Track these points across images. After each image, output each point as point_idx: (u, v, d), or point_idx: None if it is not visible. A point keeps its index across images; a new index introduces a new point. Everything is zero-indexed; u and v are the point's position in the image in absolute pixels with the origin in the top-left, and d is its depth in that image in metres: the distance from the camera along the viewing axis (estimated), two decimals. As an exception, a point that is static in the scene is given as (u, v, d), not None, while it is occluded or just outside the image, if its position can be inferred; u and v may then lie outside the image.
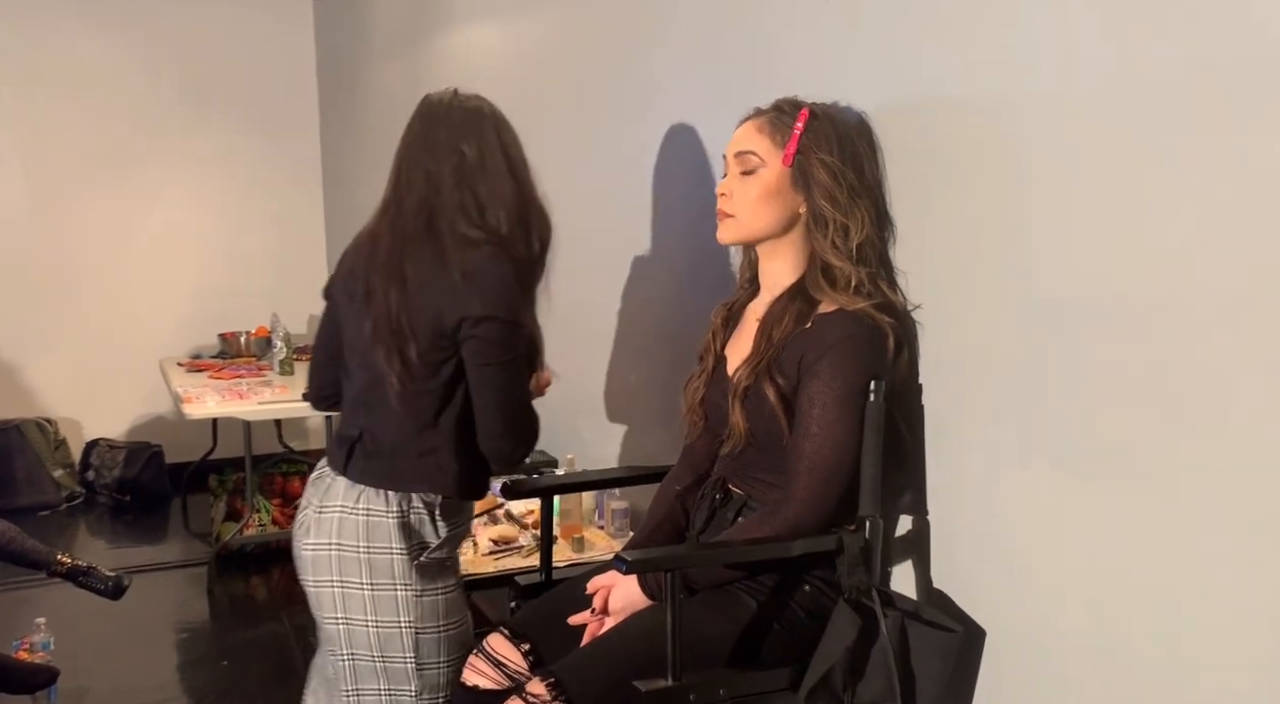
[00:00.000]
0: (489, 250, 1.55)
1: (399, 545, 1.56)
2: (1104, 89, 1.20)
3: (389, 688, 1.61)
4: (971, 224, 1.40)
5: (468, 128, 1.62)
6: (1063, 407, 1.28)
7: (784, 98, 1.53)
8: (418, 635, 1.58)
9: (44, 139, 4.46)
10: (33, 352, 4.51)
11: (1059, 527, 1.30)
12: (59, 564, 2.72)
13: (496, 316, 1.53)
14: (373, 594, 1.57)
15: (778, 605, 1.46)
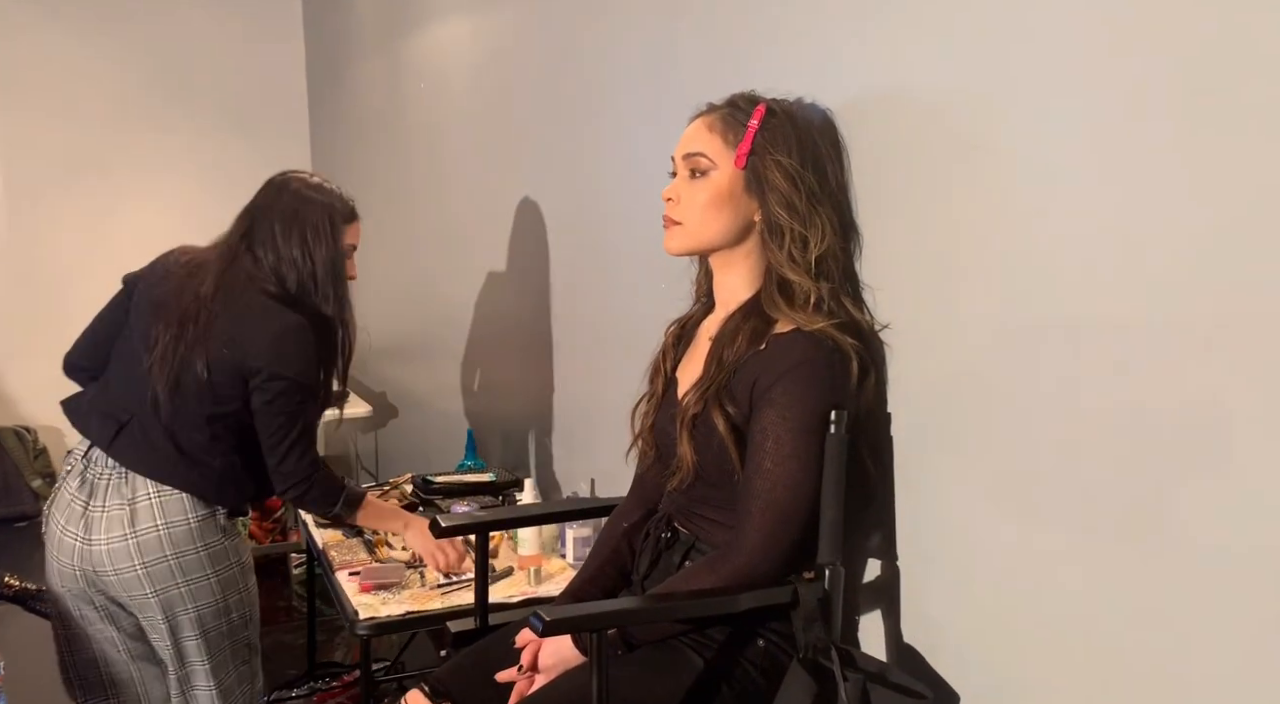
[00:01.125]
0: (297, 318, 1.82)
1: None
2: (1101, 86, 1.03)
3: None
4: (947, 235, 1.23)
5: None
6: (1048, 441, 1.11)
7: (740, 93, 1.36)
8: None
9: (20, 141, 4.36)
10: (11, 358, 4.42)
11: (1044, 577, 1.13)
12: (6, 587, 2.59)
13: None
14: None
15: (727, 663, 1.30)
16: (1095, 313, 1.04)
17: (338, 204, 1.91)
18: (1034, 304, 1.12)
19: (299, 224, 1.85)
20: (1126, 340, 1.01)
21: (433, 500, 2.47)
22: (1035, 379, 1.12)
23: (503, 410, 2.80)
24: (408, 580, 2.00)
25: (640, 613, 1.26)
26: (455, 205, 3.09)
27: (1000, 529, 1.18)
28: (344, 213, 1.91)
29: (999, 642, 1.20)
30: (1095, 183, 1.04)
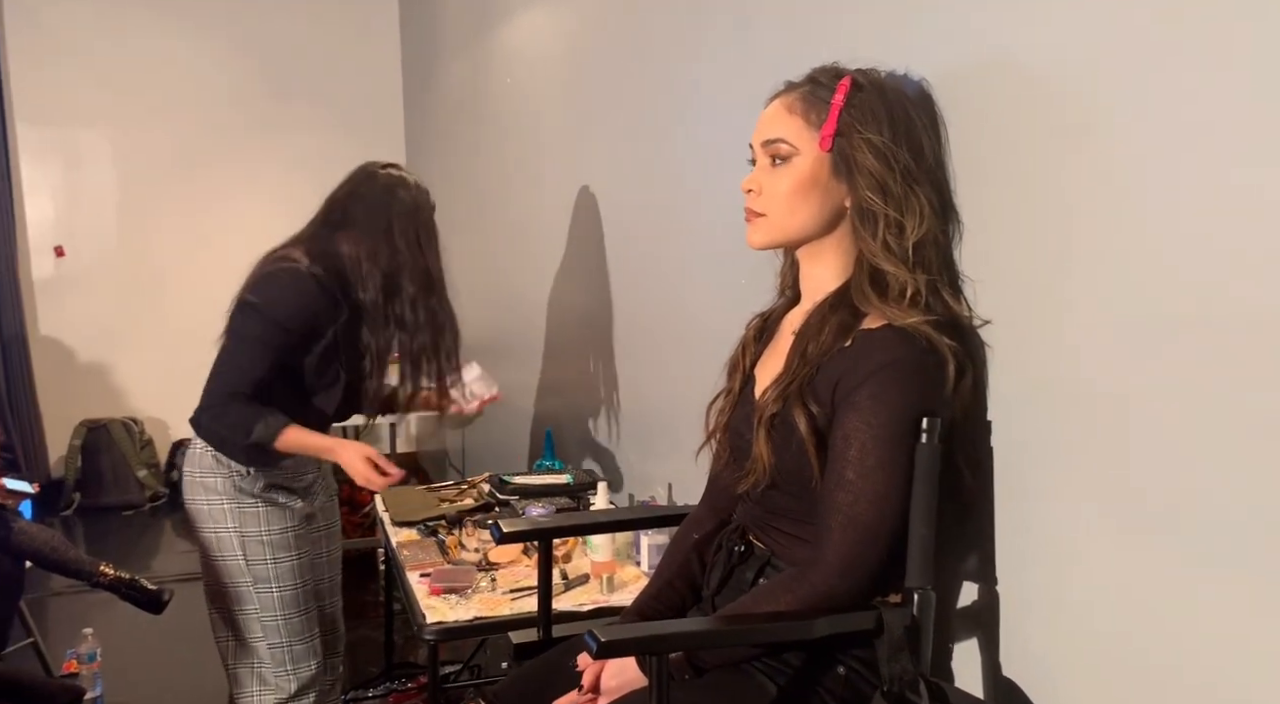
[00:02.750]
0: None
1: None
2: (1242, 52, 0.87)
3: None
4: (1059, 220, 1.09)
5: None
6: (1178, 453, 0.96)
7: (821, 67, 1.24)
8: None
9: (131, 140, 4.52)
10: (120, 352, 4.59)
11: (1173, 610, 0.98)
12: (101, 575, 2.65)
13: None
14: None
15: (803, 692, 1.18)
16: (1236, 306, 0.89)
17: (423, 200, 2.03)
18: (1162, 297, 0.97)
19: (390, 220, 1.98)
20: (1273, 336, 0.86)
21: (508, 501, 2.41)
22: (1162, 382, 0.97)
23: (582, 411, 2.73)
24: (478, 584, 1.94)
25: (706, 636, 1.15)
26: (538, 203, 3.04)
27: (1119, 552, 1.03)
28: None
29: (1117, 682, 1.05)
30: (1235, 161, 0.88)
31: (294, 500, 2.05)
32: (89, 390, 4.53)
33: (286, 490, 2.04)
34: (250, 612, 2.01)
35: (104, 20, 4.42)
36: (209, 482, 1.97)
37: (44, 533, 2.66)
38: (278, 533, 2.02)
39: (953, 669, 1.27)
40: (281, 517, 2.03)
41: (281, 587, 2.02)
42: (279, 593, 2.02)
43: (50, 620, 3.01)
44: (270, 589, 2.01)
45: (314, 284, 1.89)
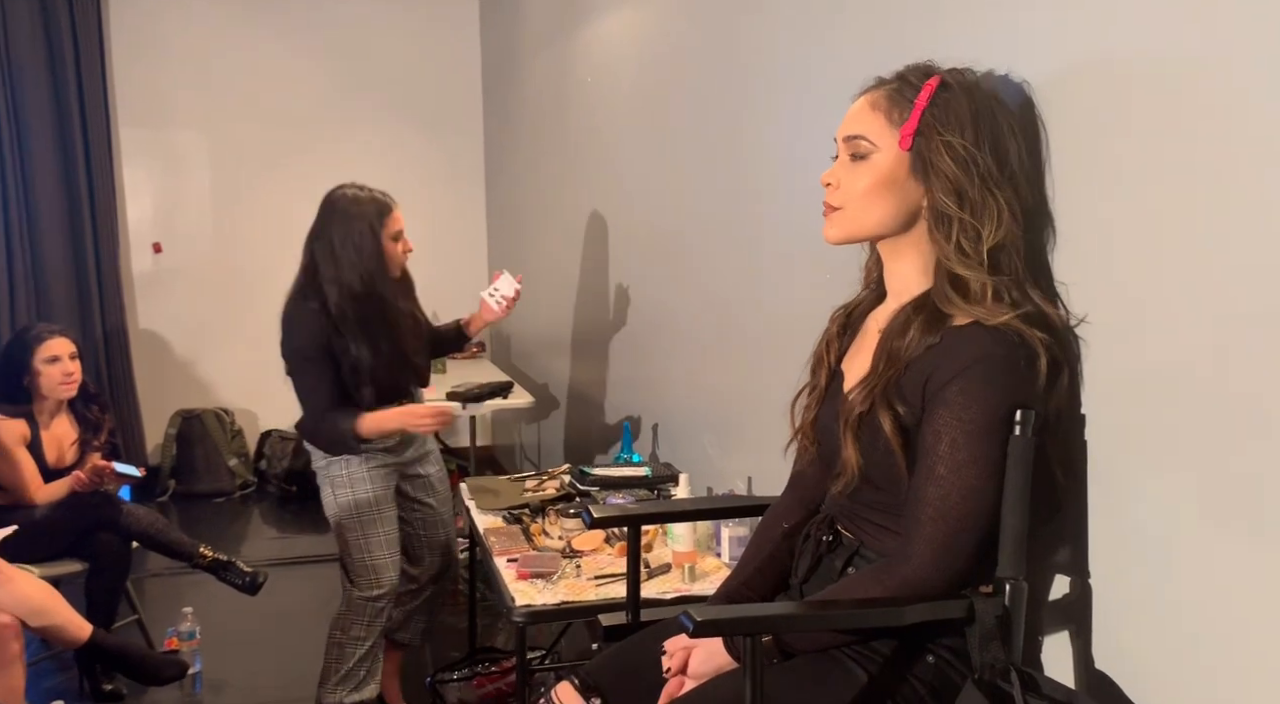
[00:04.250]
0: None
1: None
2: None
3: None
4: (1159, 219, 1.09)
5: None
6: (1271, 449, 0.96)
7: (914, 64, 1.26)
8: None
9: (224, 140, 4.69)
10: (213, 345, 4.78)
11: (1266, 604, 0.98)
12: (201, 557, 2.79)
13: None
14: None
15: (892, 678, 1.20)
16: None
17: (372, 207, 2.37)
18: (1260, 292, 0.97)
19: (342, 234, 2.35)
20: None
21: (588, 492, 2.47)
22: (1265, 378, 0.97)
23: (661, 405, 2.77)
24: (564, 570, 2.00)
25: (798, 620, 1.18)
26: (615, 198, 3.09)
27: (1218, 552, 1.03)
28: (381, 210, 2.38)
29: (1208, 676, 1.05)
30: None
31: (385, 465, 2.44)
32: (184, 382, 4.73)
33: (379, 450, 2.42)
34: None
35: (200, 26, 4.61)
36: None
37: (150, 515, 2.80)
38: (362, 491, 2.43)
39: (1041, 661, 1.28)
40: (368, 481, 2.43)
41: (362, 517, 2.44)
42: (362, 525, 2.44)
43: (149, 600, 3.15)
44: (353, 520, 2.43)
45: (310, 316, 2.30)
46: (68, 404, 2.92)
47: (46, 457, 2.82)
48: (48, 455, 2.83)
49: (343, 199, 2.37)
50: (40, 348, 2.81)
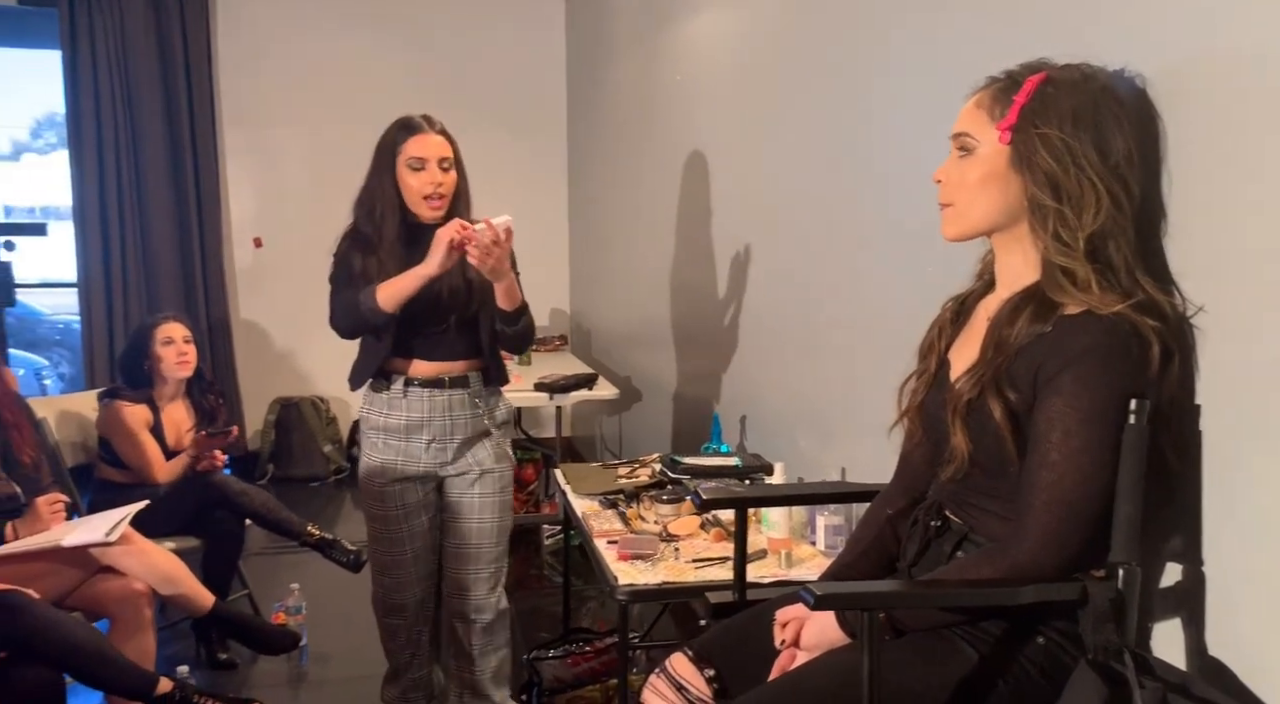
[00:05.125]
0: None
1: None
2: None
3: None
4: (1275, 208, 1.10)
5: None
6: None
7: (1026, 63, 1.29)
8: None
9: (321, 139, 4.87)
10: (309, 336, 4.96)
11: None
12: (308, 535, 2.93)
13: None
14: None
15: (1003, 658, 1.23)
16: None
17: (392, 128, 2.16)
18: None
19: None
20: None
21: (680, 480, 2.53)
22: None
23: (747, 396, 2.81)
24: (663, 553, 2.06)
25: (915, 597, 1.22)
26: (703, 195, 3.14)
27: (1338, 537, 1.05)
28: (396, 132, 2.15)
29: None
30: None
31: (394, 458, 2.21)
32: (282, 371, 4.94)
33: (388, 443, 2.20)
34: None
35: (299, 30, 4.80)
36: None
37: (261, 495, 2.96)
38: (373, 482, 2.22)
39: (1151, 646, 1.30)
40: (379, 470, 2.20)
41: (374, 528, 2.25)
42: (374, 534, 2.26)
43: (253, 577, 3.31)
44: (370, 526, 2.27)
45: (342, 237, 2.25)
46: (184, 391, 3.09)
47: (166, 439, 3.00)
48: (167, 438, 3.00)
49: (390, 124, 2.20)
50: (157, 331, 2.99)
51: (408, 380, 2.19)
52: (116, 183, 4.49)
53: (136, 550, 2.38)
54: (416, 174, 2.11)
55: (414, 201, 2.13)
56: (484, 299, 2.16)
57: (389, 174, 2.12)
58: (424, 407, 2.19)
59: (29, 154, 6.62)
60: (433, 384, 2.19)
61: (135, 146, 4.51)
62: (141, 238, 4.57)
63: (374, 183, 2.14)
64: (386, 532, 2.24)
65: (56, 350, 6.23)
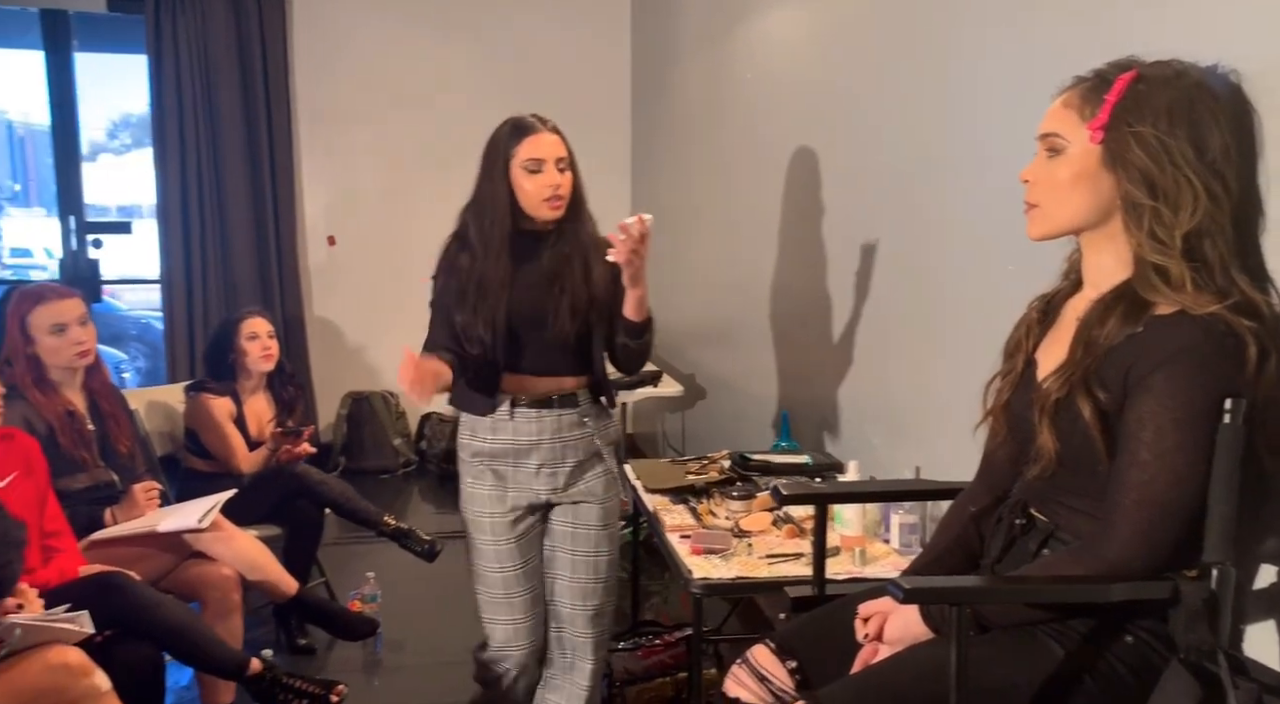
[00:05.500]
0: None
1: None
2: None
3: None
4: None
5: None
6: None
7: (1114, 62, 1.28)
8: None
9: (392, 138, 4.98)
10: (379, 332, 5.09)
11: None
12: (385, 525, 3.01)
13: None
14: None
15: (1091, 656, 1.24)
16: None
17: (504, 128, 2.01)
18: None
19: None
20: None
21: (749, 476, 2.55)
22: None
23: (819, 395, 2.82)
24: (736, 549, 2.08)
25: (1004, 592, 1.23)
26: (771, 194, 3.15)
27: None
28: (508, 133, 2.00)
29: None
30: None
31: (502, 485, 2.02)
32: (354, 366, 5.06)
33: (494, 469, 2.02)
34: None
35: (372, 32, 4.90)
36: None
37: (340, 485, 3.05)
38: (479, 513, 2.04)
39: (1243, 648, 1.28)
40: (485, 499, 2.03)
41: (484, 565, 2.05)
42: (481, 571, 2.06)
43: (329, 564, 3.41)
44: (475, 563, 2.07)
45: (445, 247, 2.07)
46: (266, 384, 3.19)
47: (249, 430, 3.10)
48: (250, 429, 3.11)
49: (500, 125, 2.03)
50: (243, 326, 3.10)
51: (514, 400, 2.00)
52: (198, 182, 4.64)
53: (226, 537, 2.47)
54: (534, 176, 1.95)
55: (532, 205, 1.97)
56: (603, 311, 2.02)
57: (502, 179, 1.97)
58: (533, 428, 2.01)
59: (105, 155, 6.88)
60: (542, 404, 2.02)
61: (215, 147, 4.66)
62: (221, 236, 4.72)
63: (485, 189, 1.99)
64: (498, 568, 2.04)
65: (134, 345, 6.46)
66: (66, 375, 2.49)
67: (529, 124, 1.98)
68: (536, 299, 1.98)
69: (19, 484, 2.03)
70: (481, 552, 2.05)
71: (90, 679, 1.69)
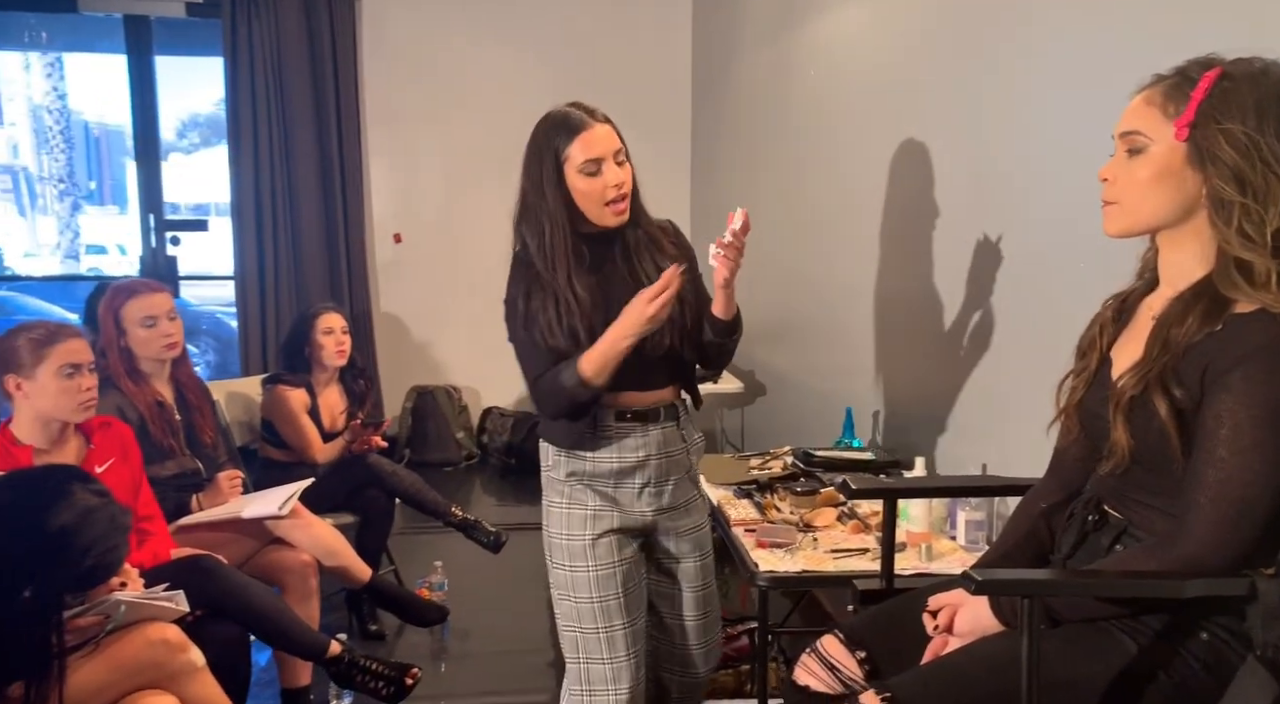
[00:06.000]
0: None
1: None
2: None
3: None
4: None
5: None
6: None
7: (1195, 59, 1.28)
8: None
9: (456, 138, 5.08)
10: (443, 328, 5.20)
11: None
12: (452, 515, 3.10)
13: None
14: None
15: (1165, 652, 1.24)
16: None
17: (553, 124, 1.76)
18: None
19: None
20: None
21: (813, 472, 2.57)
22: None
23: (883, 392, 2.82)
24: (801, 543, 2.11)
25: (1077, 585, 1.25)
26: (834, 190, 3.16)
27: None
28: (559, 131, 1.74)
29: None
30: None
31: (605, 506, 1.81)
32: (418, 361, 5.18)
33: (595, 489, 1.82)
34: (557, 616, 1.86)
35: (437, 34, 5.01)
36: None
37: (410, 476, 3.13)
38: (575, 538, 1.80)
39: (1322, 649, 1.28)
40: (583, 522, 1.80)
41: (577, 597, 1.79)
42: (575, 603, 1.80)
43: (397, 553, 3.50)
44: (566, 596, 1.81)
45: (514, 267, 1.82)
46: (338, 376, 3.30)
47: (323, 422, 3.21)
48: (323, 421, 3.21)
49: (539, 123, 1.79)
50: (319, 321, 3.21)
51: (619, 414, 1.80)
52: (270, 182, 4.79)
53: (304, 524, 2.57)
54: (592, 179, 1.72)
55: (594, 211, 1.75)
56: (691, 312, 1.84)
57: (554, 188, 1.73)
58: (637, 444, 1.81)
59: (175, 154, 7.11)
60: (646, 418, 1.82)
61: (287, 146, 4.80)
62: (292, 233, 4.86)
63: (534, 200, 1.75)
64: (596, 598, 1.79)
65: (205, 339, 6.68)
66: (155, 367, 2.61)
67: (578, 119, 1.74)
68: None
69: (117, 470, 2.14)
70: (574, 581, 1.79)
71: (187, 655, 1.78)
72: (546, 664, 2.90)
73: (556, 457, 1.85)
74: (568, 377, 1.71)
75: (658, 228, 1.89)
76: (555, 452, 1.85)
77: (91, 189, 8.14)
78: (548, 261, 1.74)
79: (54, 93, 7.36)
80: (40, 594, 1.56)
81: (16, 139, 7.59)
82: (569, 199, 1.74)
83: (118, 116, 8.02)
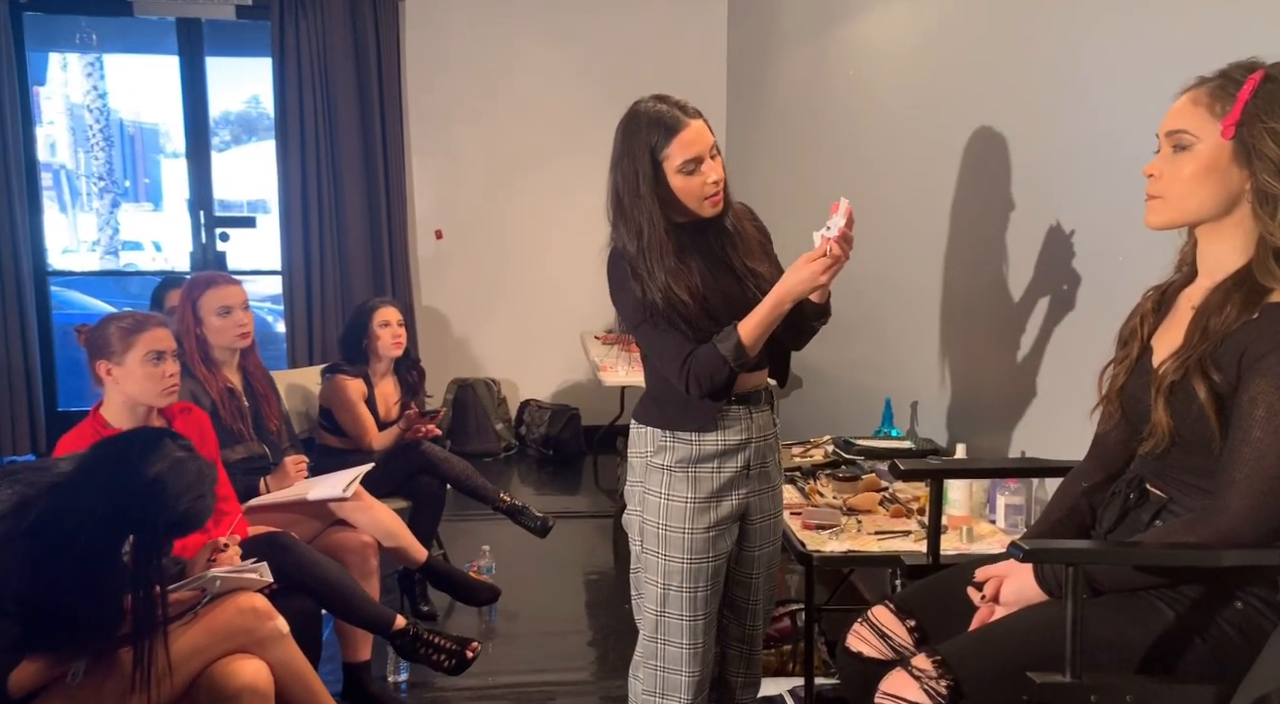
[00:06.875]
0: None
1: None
2: None
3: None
4: None
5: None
6: None
7: (1237, 62, 1.36)
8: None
9: (497, 137, 5.20)
10: (482, 322, 5.32)
11: None
12: (501, 501, 3.21)
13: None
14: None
15: (1201, 619, 1.33)
16: None
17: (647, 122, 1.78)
18: None
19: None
20: None
21: (854, 460, 2.66)
22: None
23: (920, 382, 2.90)
24: (845, 525, 2.20)
25: (1119, 555, 1.33)
26: (871, 185, 3.23)
27: None
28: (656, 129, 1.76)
29: None
30: None
31: (705, 498, 1.81)
32: (459, 354, 5.31)
33: (696, 477, 1.80)
34: (636, 596, 1.91)
35: (479, 35, 5.12)
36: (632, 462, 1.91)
37: (460, 462, 3.25)
38: (674, 530, 1.81)
39: (1351, 618, 1.36)
40: (683, 514, 1.80)
41: (668, 584, 1.82)
42: (664, 590, 1.83)
43: (445, 537, 3.62)
44: (655, 580, 1.84)
45: (617, 265, 1.81)
46: (393, 368, 3.42)
47: (378, 411, 3.33)
48: (379, 410, 3.34)
49: (628, 118, 1.81)
50: (376, 314, 3.33)
51: (729, 398, 1.80)
52: (317, 178, 4.92)
53: (365, 506, 2.69)
54: (691, 177, 1.74)
55: (694, 204, 1.77)
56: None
57: (650, 184, 1.73)
58: (740, 428, 1.82)
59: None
60: (749, 400, 1.84)
61: (333, 144, 4.94)
62: (337, 229, 5.00)
63: (630, 201, 1.75)
64: (690, 588, 1.81)
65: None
66: (226, 355, 2.74)
67: (673, 118, 1.74)
68: (733, 297, 1.80)
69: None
70: (668, 569, 1.81)
71: (274, 622, 1.90)
72: (586, 644, 3.02)
73: (662, 441, 1.82)
74: (727, 346, 1.70)
75: (744, 211, 1.92)
76: (661, 436, 1.82)
77: (127, 186, 8.33)
78: (647, 263, 1.74)
79: (94, 92, 7.54)
80: (140, 543, 1.66)
81: (54, 137, 7.78)
82: (667, 195, 1.75)
83: (153, 115, 8.21)
